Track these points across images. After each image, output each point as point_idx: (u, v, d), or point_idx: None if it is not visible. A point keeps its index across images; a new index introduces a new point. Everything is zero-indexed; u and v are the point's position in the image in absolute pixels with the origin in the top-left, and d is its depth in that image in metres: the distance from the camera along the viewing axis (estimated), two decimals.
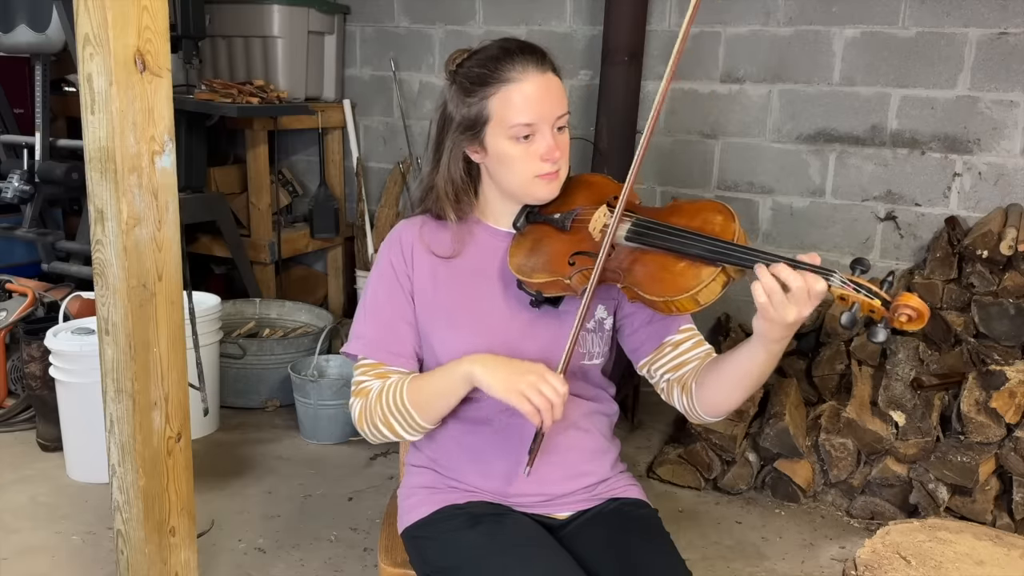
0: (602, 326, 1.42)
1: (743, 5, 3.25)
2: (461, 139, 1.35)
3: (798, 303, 1.12)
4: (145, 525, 1.78)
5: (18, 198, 3.30)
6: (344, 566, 2.32)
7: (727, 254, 1.18)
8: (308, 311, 3.74)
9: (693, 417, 1.37)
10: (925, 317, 1.09)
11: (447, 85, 1.37)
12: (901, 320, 1.10)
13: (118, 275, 1.65)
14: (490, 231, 1.43)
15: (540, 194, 1.36)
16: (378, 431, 1.36)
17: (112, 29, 1.53)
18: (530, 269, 1.33)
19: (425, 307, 1.40)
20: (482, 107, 1.31)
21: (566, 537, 1.38)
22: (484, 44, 1.36)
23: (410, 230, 1.43)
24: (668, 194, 3.51)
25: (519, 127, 1.30)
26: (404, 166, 4.02)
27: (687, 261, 1.21)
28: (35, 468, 2.79)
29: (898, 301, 1.09)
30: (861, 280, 1.12)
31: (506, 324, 1.38)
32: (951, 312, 2.80)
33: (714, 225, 1.24)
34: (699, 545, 2.48)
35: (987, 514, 2.50)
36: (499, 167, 1.35)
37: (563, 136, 1.35)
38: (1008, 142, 2.96)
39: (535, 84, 1.30)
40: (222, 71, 3.82)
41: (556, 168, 1.34)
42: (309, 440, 3.09)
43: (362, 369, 1.39)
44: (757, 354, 1.22)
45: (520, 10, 3.66)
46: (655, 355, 1.40)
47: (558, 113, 1.32)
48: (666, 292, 1.21)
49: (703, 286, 1.18)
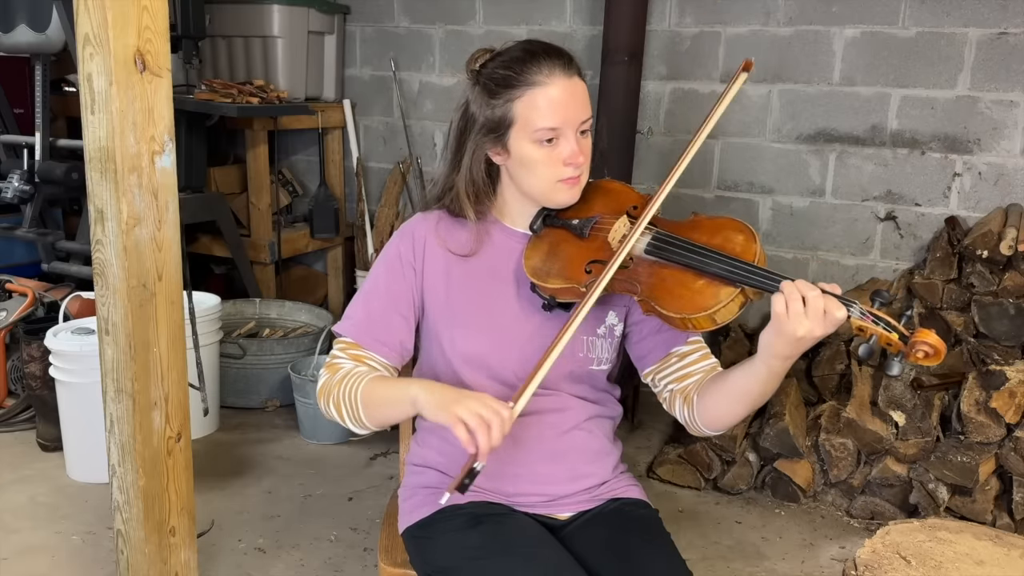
0: (612, 332, 1.42)
1: (743, 5, 3.25)
2: (484, 141, 1.34)
3: (812, 318, 1.12)
4: (145, 525, 1.78)
5: (18, 198, 3.30)
6: (344, 566, 2.32)
7: (747, 276, 1.18)
8: (308, 311, 3.74)
9: (693, 429, 1.38)
10: (942, 355, 1.10)
11: (469, 85, 1.36)
12: (918, 356, 1.10)
13: (118, 275, 1.65)
14: (506, 231, 1.42)
15: (561, 198, 1.35)
16: (328, 411, 1.37)
17: (112, 29, 1.53)
18: (545, 274, 1.33)
19: (435, 304, 1.40)
20: (507, 110, 1.30)
21: (567, 537, 1.38)
22: (507, 45, 1.35)
23: (425, 224, 1.42)
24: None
25: (544, 131, 1.29)
26: (404, 166, 4.02)
27: (706, 279, 1.21)
28: (35, 468, 2.79)
29: (916, 337, 1.10)
30: (880, 313, 1.12)
31: (517, 326, 1.38)
32: (951, 312, 2.80)
33: (735, 244, 1.24)
34: (699, 545, 2.48)
35: (987, 514, 2.50)
36: (521, 170, 1.34)
37: (586, 140, 1.34)
38: (1008, 142, 2.96)
39: (561, 88, 1.29)
40: (222, 71, 3.82)
41: (578, 173, 1.33)
42: (309, 440, 3.09)
43: (341, 346, 1.40)
44: (759, 370, 1.23)
45: (520, 10, 3.66)
46: (661, 364, 1.40)
47: (583, 118, 1.32)
48: (683, 309, 1.21)
49: (721, 306, 1.18)
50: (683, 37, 3.37)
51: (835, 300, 1.12)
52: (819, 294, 1.12)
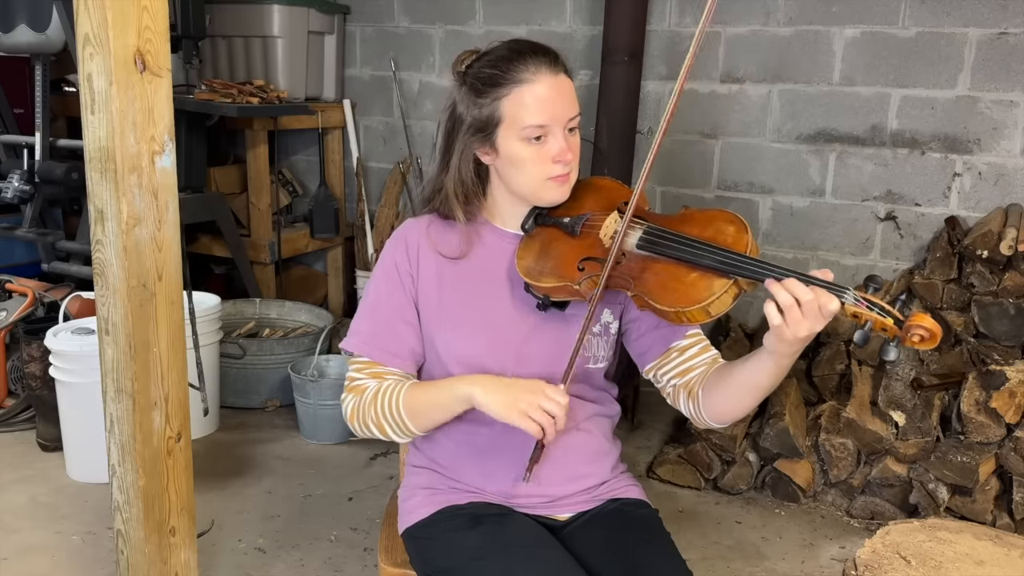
0: (608, 330, 1.41)
1: (743, 5, 3.25)
2: (472, 140, 1.34)
3: (810, 319, 1.12)
4: (145, 525, 1.78)
5: (18, 198, 3.30)
6: (344, 566, 2.32)
7: (740, 266, 1.17)
8: (308, 311, 3.74)
9: (699, 423, 1.37)
10: (938, 337, 1.09)
11: (455, 86, 1.35)
12: (913, 340, 1.10)
13: (118, 275, 1.65)
14: (498, 232, 1.42)
15: (551, 196, 1.35)
16: (368, 430, 1.37)
17: (112, 29, 1.53)
18: (538, 273, 1.33)
19: (429, 308, 1.39)
20: (494, 108, 1.30)
21: (567, 537, 1.38)
22: (492, 46, 1.35)
23: (416, 229, 1.42)
24: (668, 194, 3.52)
25: (532, 128, 1.29)
26: (404, 166, 4.02)
27: (699, 272, 1.21)
28: (35, 468, 2.79)
29: (911, 321, 1.09)
30: (874, 298, 1.12)
31: (512, 327, 1.37)
32: (951, 312, 2.80)
33: (726, 236, 1.23)
34: (699, 545, 2.48)
35: (987, 514, 2.50)
36: (510, 169, 1.34)
37: (574, 138, 1.34)
38: (1008, 142, 2.96)
39: (547, 85, 1.29)
40: (222, 71, 3.82)
41: (568, 170, 1.33)
42: (309, 440, 3.09)
43: (357, 366, 1.40)
44: (767, 366, 1.22)
45: (520, 10, 3.66)
46: (661, 360, 1.40)
47: (570, 115, 1.31)
48: (677, 302, 1.20)
49: (715, 298, 1.18)
50: (683, 37, 3.37)
51: (826, 293, 1.12)
52: (812, 297, 1.11)
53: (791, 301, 1.12)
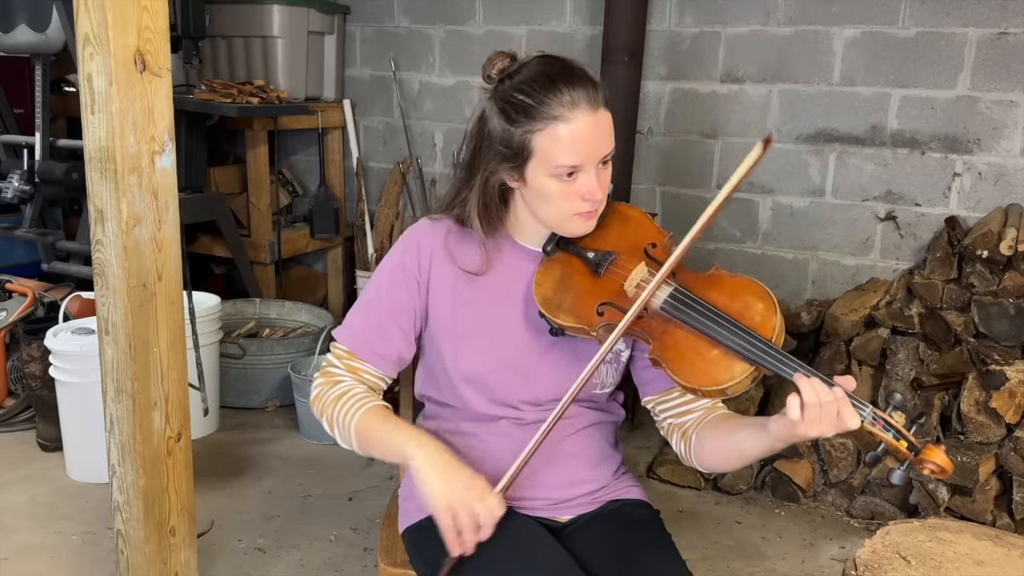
0: (619, 358, 1.40)
1: (743, 5, 3.25)
2: (499, 168, 1.29)
3: (827, 423, 1.11)
4: (145, 525, 1.78)
5: (18, 198, 3.30)
6: (344, 566, 2.32)
7: (765, 357, 1.15)
8: (308, 311, 3.74)
9: (686, 462, 1.38)
10: (948, 474, 1.10)
11: (486, 96, 1.30)
12: (924, 472, 1.11)
13: (118, 275, 1.65)
14: (518, 248, 1.38)
15: (575, 230, 1.31)
16: (320, 420, 1.42)
17: (112, 29, 1.53)
18: (556, 307, 1.29)
19: (441, 320, 1.38)
20: (525, 140, 1.24)
21: (567, 538, 1.38)
22: (528, 60, 1.28)
23: (433, 235, 1.38)
24: (668, 194, 3.51)
25: (564, 167, 1.23)
26: (404, 166, 4.02)
27: (721, 350, 1.17)
28: (35, 468, 2.79)
29: (925, 455, 1.10)
30: (892, 420, 1.12)
31: (522, 348, 1.36)
32: (951, 312, 2.80)
33: (754, 314, 1.19)
34: (699, 545, 2.48)
35: (987, 514, 2.50)
36: (537, 200, 1.29)
37: (606, 171, 1.29)
38: (1008, 142, 2.96)
39: (585, 124, 1.22)
40: (222, 71, 3.82)
41: (595, 207, 1.29)
42: (309, 440, 3.09)
43: (338, 353, 1.40)
44: (763, 445, 1.22)
45: (520, 10, 3.66)
46: (662, 396, 1.39)
47: (605, 152, 1.26)
48: (695, 380, 1.18)
49: (735, 382, 1.16)
50: (683, 37, 3.37)
51: (849, 407, 1.10)
52: (834, 399, 1.10)
53: (815, 401, 1.10)
